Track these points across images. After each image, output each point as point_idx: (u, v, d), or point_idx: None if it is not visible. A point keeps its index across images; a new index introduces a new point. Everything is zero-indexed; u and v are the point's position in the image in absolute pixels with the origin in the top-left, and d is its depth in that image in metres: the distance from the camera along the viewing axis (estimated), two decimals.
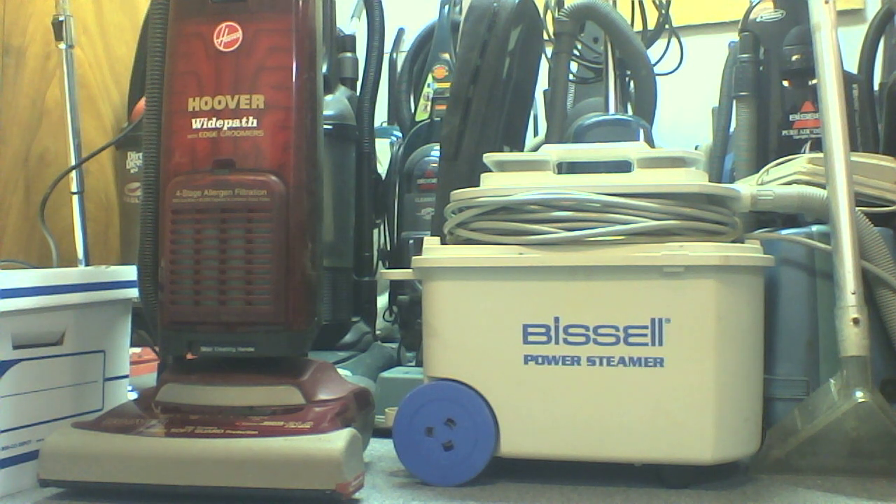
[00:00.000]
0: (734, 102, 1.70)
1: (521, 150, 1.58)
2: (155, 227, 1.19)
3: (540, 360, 1.12)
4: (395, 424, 1.16)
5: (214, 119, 1.15)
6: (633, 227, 1.11)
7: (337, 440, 1.02)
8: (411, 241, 1.72)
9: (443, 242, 1.20)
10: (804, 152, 1.52)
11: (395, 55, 2.54)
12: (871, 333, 1.18)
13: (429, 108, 2.03)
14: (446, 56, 2.10)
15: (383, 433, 1.24)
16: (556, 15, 1.70)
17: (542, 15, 1.66)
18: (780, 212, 1.31)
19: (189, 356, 1.19)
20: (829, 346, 1.21)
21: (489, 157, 1.22)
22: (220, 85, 1.16)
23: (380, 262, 1.91)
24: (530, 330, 1.12)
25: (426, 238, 1.22)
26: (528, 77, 1.54)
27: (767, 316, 1.19)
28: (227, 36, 1.16)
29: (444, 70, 2.08)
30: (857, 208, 1.23)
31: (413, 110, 2.15)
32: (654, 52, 1.72)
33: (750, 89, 1.65)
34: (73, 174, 1.68)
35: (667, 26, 1.78)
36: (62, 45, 1.69)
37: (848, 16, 2.35)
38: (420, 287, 1.20)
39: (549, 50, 1.66)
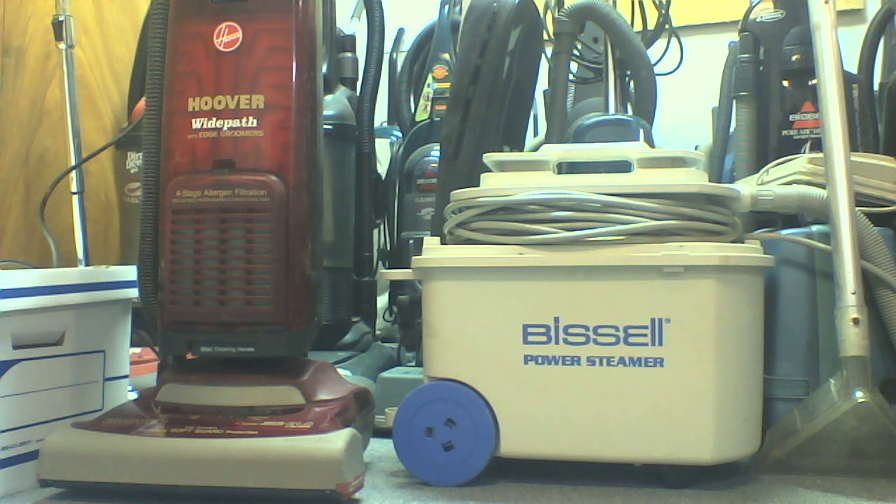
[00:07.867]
0: (734, 102, 1.70)
1: (521, 150, 1.58)
2: (155, 227, 1.18)
3: (540, 360, 1.12)
4: (395, 424, 1.16)
5: (214, 119, 1.15)
6: (632, 227, 1.11)
7: (337, 440, 1.02)
8: (411, 241, 1.72)
9: (443, 242, 1.20)
10: (804, 152, 1.52)
11: (395, 55, 2.53)
12: (871, 333, 1.18)
13: (429, 108, 2.03)
14: (446, 56, 2.10)
15: (383, 433, 1.24)
16: (556, 15, 1.70)
17: (542, 15, 1.66)
18: (780, 212, 1.31)
19: (189, 356, 1.19)
20: (829, 346, 1.21)
21: (489, 157, 1.22)
22: (220, 85, 1.16)
23: (380, 262, 1.91)
24: (530, 330, 1.12)
25: (426, 238, 1.22)
26: (528, 77, 1.54)
27: (767, 316, 1.19)
28: (227, 36, 1.16)
29: (444, 70, 2.08)
30: (857, 208, 1.23)
31: (413, 110, 2.14)
32: (654, 52, 1.72)
33: (750, 89, 1.65)
34: (73, 174, 1.68)
35: (667, 26, 1.79)
36: (62, 45, 1.69)
37: (848, 16, 2.35)
38: (420, 287, 1.20)
39: (549, 50, 1.66)
